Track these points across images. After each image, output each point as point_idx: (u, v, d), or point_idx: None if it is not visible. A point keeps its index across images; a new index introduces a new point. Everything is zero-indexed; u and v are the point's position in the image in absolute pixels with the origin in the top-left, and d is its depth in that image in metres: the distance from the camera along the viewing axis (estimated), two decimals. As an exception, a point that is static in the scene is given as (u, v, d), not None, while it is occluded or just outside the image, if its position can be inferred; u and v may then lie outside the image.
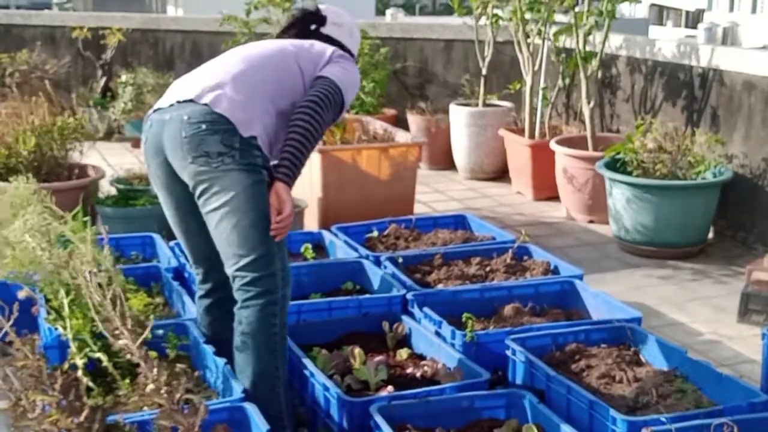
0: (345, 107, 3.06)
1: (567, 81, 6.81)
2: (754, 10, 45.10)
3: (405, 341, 3.58)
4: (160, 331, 3.16)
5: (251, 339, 2.84)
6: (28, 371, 2.51)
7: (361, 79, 3.20)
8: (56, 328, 3.08)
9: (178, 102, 2.86)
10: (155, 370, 2.56)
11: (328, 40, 3.21)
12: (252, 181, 2.79)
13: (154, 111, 2.93)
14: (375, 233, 4.81)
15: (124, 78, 8.11)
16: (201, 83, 2.90)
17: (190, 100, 2.83)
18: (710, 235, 5.47)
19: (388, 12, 24.82)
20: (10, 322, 2.64)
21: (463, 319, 3.62)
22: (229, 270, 2.86)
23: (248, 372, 2.87)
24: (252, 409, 2.71)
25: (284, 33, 3.27)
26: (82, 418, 2.36)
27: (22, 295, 3.04)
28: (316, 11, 3.28)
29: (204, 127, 2.78)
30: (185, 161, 2.80)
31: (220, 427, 2.52)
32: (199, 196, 2.82)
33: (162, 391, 2.44)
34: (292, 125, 2.87)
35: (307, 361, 3.21)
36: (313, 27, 3.25)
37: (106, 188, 5.60)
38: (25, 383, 2.47)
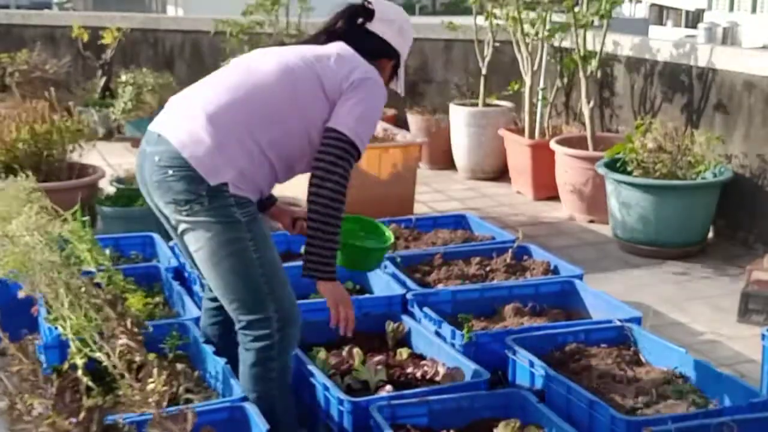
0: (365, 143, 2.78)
1: (566, 81, 6.80)
2: (754, 10, 45.12)
3: (405, 341, 3.58)
4: (151, 330, 3.15)
5: (251, 384, 2.80)
6: (23, 375, 2.50)
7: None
8: (56, 328, 3.08)
9: (159, 136, 2.71)
10: (155, 370, 2.55)
11: (374, 38, 2.89)
12: (224, 227, 2.66)
13: (148, 132, 2.79)
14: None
15: (123, 78, 8.11)
16: (181, 116, 2.73)
17: (167, 138, 2.69)
18: (710, 235, 5.47)
19: (388, 12, 24.76)
20: None
21: (459, 320, 3.62)
22: (228, 311, 2.81)
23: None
24: (252, 409, 2.71)
25: (330, 29, 2.92)
26: (80, 419, 2.36)
27: (22, 295, 3.04)
28: (363, 5, 2.90)
29: (170, 172, 2.65)
30: (161, 203, 2.74)
31: (205, 428, 2.50)
32: (180, 236, 2.77)
33: (150, 400, 2.43)
34: (308, 215, 2.71)
35: (307, 361, 3.21)
36: (360, 21, 2.90)
37: (106, 188, 5.60)
38: (21, 387, 2.45)
